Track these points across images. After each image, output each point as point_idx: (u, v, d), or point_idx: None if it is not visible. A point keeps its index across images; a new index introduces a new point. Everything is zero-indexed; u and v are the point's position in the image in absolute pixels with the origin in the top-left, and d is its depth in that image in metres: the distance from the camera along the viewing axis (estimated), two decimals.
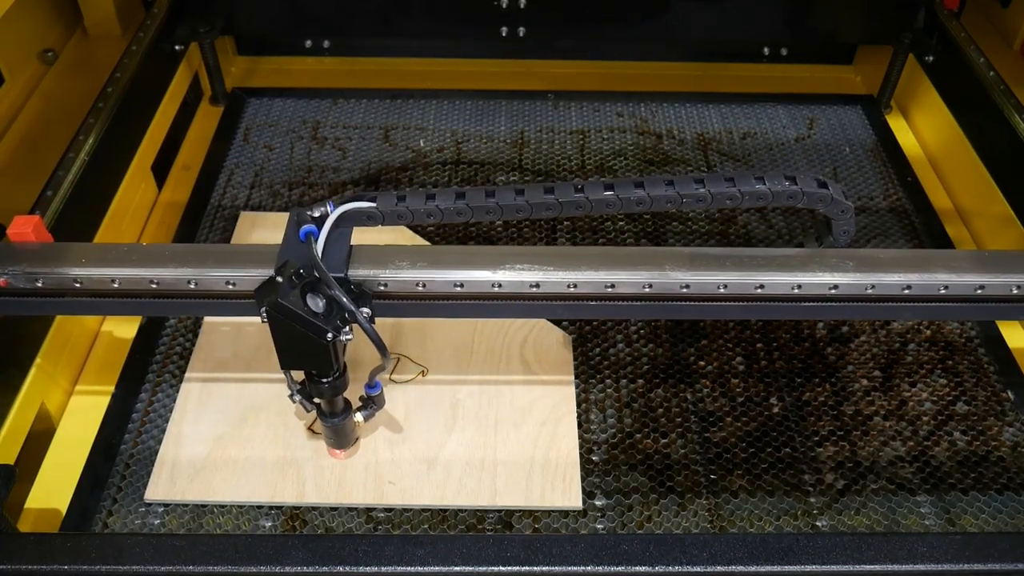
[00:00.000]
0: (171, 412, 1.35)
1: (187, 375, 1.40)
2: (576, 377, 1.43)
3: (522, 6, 1.93)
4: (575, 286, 1.09)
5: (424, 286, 1.09)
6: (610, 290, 1.10)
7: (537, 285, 1.09)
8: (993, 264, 1.11)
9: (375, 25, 1.99)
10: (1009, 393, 1.43)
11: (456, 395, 1.39)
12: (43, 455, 1.32)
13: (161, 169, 1.82)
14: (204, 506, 1.24)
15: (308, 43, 2.14)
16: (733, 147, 1.95)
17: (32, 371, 1.32)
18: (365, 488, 1.26)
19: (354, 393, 1.22)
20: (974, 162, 1.76)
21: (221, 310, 1.13)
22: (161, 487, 1.25)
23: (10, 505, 1.14)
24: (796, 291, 1.10)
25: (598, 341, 1.50)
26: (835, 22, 2.01)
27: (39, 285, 1.08)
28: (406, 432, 1.33)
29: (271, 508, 1.25)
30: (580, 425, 1.36)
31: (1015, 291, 1.10)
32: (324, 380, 1.13)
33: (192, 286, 1.09)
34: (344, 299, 1.02)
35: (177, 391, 1.38)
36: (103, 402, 1.37)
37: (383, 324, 1.48)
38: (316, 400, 1.18)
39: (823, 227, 1.18)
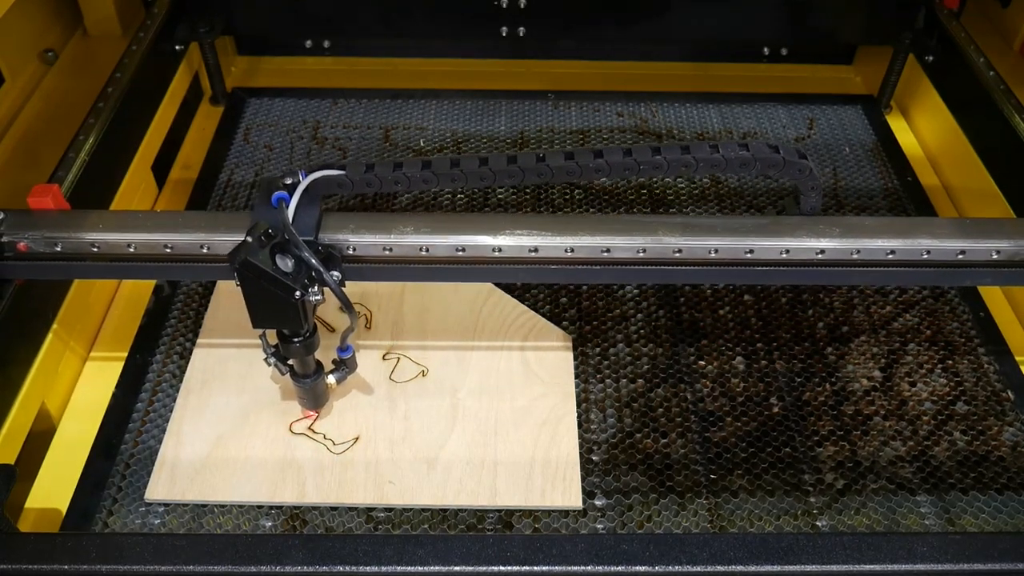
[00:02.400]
0: (171, 412, 1.35)
1: (187, 374, 1.40)
2: (576, 377, 1.43)
3: (522, 6, 1.93)
4: (572, 250, 1.13)
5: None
6: (606, 255, 1.13)
7: (536, 249, 1.13)
8: (974, 230, 1.16)
9: (375, 25, 1.98)
10: (1009, 393, 1.43)
11: (456, 395, 1.39)
12: (43, 455, 1.32)
13: (161, 169, 1.82)
14: (204, 506, 1.24)
15: (308, 43, 2.15)
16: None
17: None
18: (365, 488, 1.26)
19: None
20: (974, 162, 1.76)
21: (227, 274, 1.16)
22: (161, 487, 1.25)
23: (10, 505, 1.14)
24: (784, 256, 1.14)
25: (598, 341, 1.50)
26: (835, 22, 2.01)
27: (58, 249, 1.15)
28: (406, 432, 1.33)
29: (271, 508, 1.25)
30: (580, 425, 1.36)
31: (995, 256, 1.15)
32: (295, 340, 1.16)
33: (205, 251, 1.14)
34: (312, 259, 1.06)
35: (177, 391, 1.38)
36: (103, 402, 1.37)
37: (383, 327, 1.48)
38: (289, 362, 1.23)
39: (796, 190, 1.21)
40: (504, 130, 1.98)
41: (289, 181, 1.10)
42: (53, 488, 1.27)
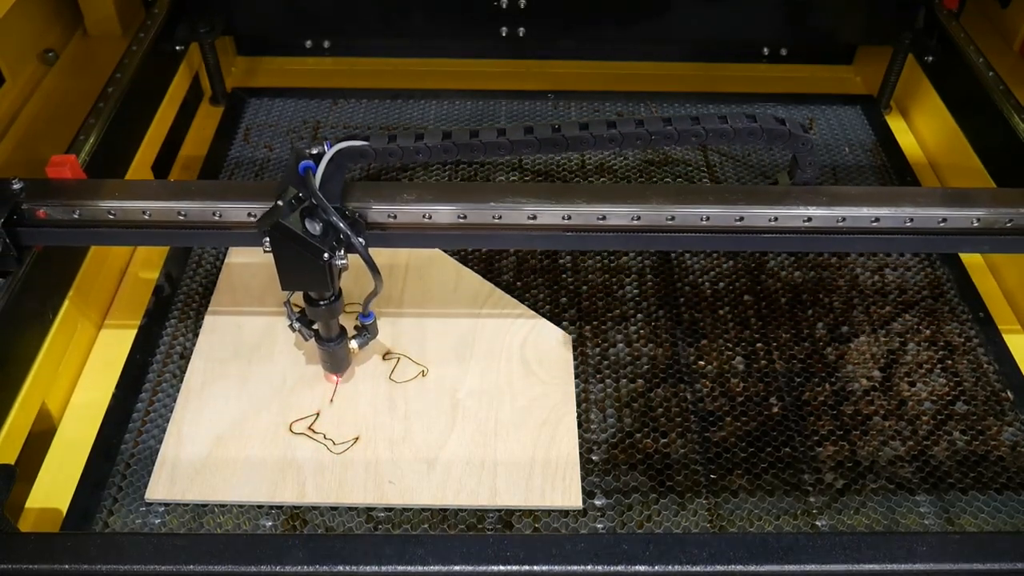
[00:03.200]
0: (171, 412, 1.35)
1: (187, 374, 1.40)
2: (576, 377, 1.43)
3: (522, 6, 1.93)
4: (569, 218, 1.18)
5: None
6: (601, 222, 1.18)
7: (535, 216, 1.18)
8: (955, 199, 1.22)
9: (375, 25, 1.99)
10: (1009, 393, 1.43)
11: (456, 395, 1.39)
12: (43, 455, 1.32)
13: (161, 169, 1.82)
14: (204, 506, 1.25)
15: (308, 43, 2.15)
16: (733, 147, 1.95)
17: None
18: (365, 488, 1.26)
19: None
20: (974, 162, 1.76)
21: (239, 240, 1.24)
22: (161, 487, 1.25)
23: (10, 505, 1.14)
24: (773, 223, 1.19)
25: (598, 341, 1.50)
26: (835, 22, 2.01)
27: (76, 217, 1.20)
28: (406, 432, 1.33)
29: (271, 508, 1.25)
30: (580, 425, 1.36)
31: (975, 224, 1.20)
32: (321, 302, 1.22)
33: (217, 218, 1.19)
34: (340, 223, 1.10)
35: (177, 391, 1.38)
36: (103, 402, 1.38)
37: (383, 327, 1.48)
38: (314, 327, 1.28)
39: (794, 162, 1.24)
40: None
41: (315, 151, 1.14)
42: (53, 488, 1.27)
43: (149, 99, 1.78)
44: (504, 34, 1.98)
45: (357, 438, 1.32)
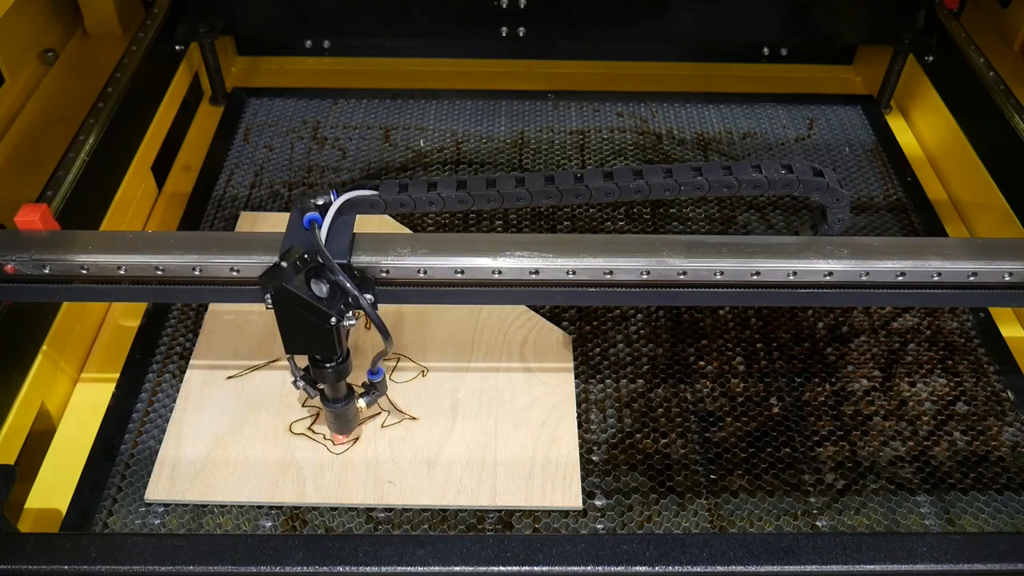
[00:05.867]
0: (171, 412, 1.35)
1: (187, 375, 1.40)
2: (576, 377, 1.43)
3: (522, 6, 1.93)
4: (574, 273, 1.11)
5: (425, 272, 1.10)
6: (608, 277, 1.11)
7: (537, 272, 1.11)
8: (986, 251, 1.13)
9: (375, 25, 1.99)
10: (1009, 393, 1.43)
11: (456, 395, 1.39)
12: (43, 455, 1.32)
13: (161, 169, 1.82)
14: (204, 506, 1.24)
15: (308, 43, 2.15)
16: (733, 147, 1.95)
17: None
18: (365, 488, 1.26)
19: (357, 380, 1.23)
20: (974, 162, 1.76)
21: (225, 296, 1.15)
22: (161, 487, 1.25)
23: (10, 505, 1.14)
24: (791, 278, 1.11)
25: (598, 341, 1.50)
26: (835, 22, 2.01)
27: (46, 272, 1.11)
28: (406, 432, 1.33)
29: (271, 508, 1.25)
30: (580, 425, 1.36)
31: (1007, 278, 1.12)
32: (328, 365, 1.14)
33: (197, 273, 1.11)
34: (348, 284, 1.04)
35: (177, 391, 1.38)
36: (103, 402, 1.37)
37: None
38: (319, 386, 1.20)
39: (819, 216, 1.18)
40: (504, 130, 1.98)
41: (321, 202, 1.07)
42: (53, 488, 1.27)
43: (149, 99, 1.78)
44: (504, 34, 1.98)
45: (357, 438, 1.32)
